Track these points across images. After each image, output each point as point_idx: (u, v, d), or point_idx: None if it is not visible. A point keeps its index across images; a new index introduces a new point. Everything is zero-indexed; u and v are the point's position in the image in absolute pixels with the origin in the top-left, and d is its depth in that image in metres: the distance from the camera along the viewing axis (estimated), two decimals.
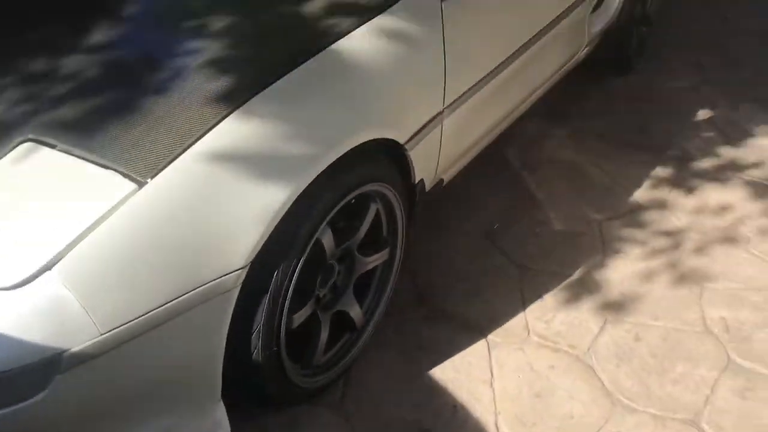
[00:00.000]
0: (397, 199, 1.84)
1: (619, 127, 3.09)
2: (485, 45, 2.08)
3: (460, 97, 2.00)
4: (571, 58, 2.79)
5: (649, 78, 3.48)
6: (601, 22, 2.99)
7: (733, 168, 2.79)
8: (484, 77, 2.09)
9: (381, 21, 1.73)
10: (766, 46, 3.86)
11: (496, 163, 2.79)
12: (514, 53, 2.21)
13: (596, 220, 2.52)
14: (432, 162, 2.02)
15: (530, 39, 2.28)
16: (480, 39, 2.05)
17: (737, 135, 3.02)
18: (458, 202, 2.58)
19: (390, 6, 1.77)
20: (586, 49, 2.96)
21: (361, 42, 1.67)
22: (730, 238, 2.42)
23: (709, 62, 3.66)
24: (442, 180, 2.21)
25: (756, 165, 2.80)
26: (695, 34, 3.97)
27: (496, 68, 2.13)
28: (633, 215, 2.55)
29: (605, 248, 2.39)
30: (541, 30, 2.34)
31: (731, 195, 2.63)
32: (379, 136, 1.68)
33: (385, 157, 1.78)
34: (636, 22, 3.35)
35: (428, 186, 2.09)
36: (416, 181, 1.95)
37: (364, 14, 1.72)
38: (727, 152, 2.89)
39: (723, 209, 2.56)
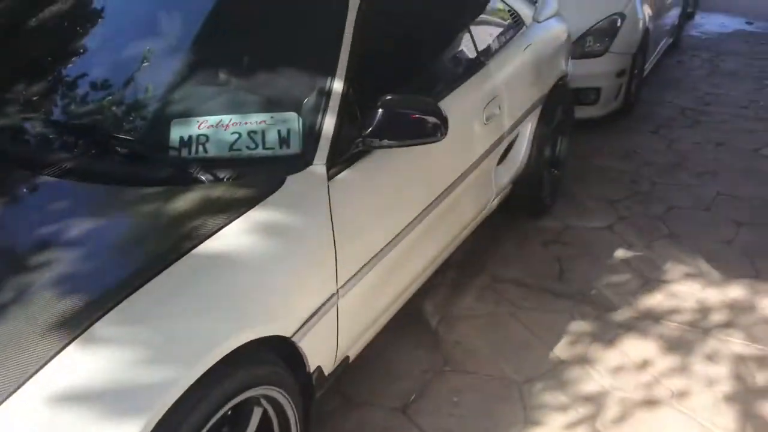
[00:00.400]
0: (287, 397, 1.68)
1: (537, 273, 3.06)
2: (379, 218, 2.02)
3: (355, 274, 1.90)
4: (479, 213, 2.77)
5: (564, 219, 3.51)
6: (509, 172, 3.01)
7: (651, 316, 2.74)
8: (382, 250, 2.01)
9: (257, 213, 1.65)
10: (674, 178, 3.99)
11: (411, 320, 2.67)
12: (412, 221, 2.15)
13: (516, 383, 2.40)
14: (330, 346, 1.88)
15: (429, 205, 2.24)
16: (373, 213, 1.98)
17: (653, 276, 3.01)
18: (371, 370, 2.43)
19: (268, 195, 1.70)
20: (496, 200, 2.96)
21: (233, 239, 1.57)
22: (653, 397, 2.32)
23: (622, 199, 3.73)
24: (347, 357, 2.07)
25: (673, 311, 2.76)
26: (607, 171, 4.09)
27: (393, 239, 2.06)
28: (554, 373, 2.44)
29: (526, 416, 2.25)
30: (440, 194, 2.31)
31: (651, 346, 2.56)
32: (259, 336, 1.54)
33: (270, 354, 1.63)
34: (547, 165, 3.41)
35: (329, 369, 1.94)
36: (311, 371, 1.81)
37: (238, 208, 1.63)
38: (645, 298, 2.85)
39: (644, 363, 2.48)
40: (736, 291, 2.92)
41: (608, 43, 4.46)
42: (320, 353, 1.83)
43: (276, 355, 1.67)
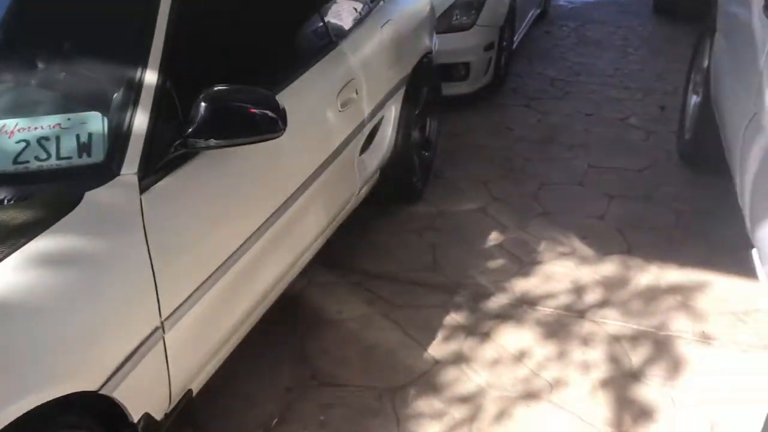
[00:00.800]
0: None
1: (410, 264, 2.89)
2: (212, 232, 1.74)
3: (185, 301, 1.63)
4: (342, 208, 2.54)
5: (438, 203, 3.36)
6: (374, 160, 2.81)
7: (527, 301, 2.64)
8: (218, 268, 1.74)
9: (43, 242, 1.33)
10: (546, 153, 3.94)
11: (273, 333, 2.41)
12: (257, 230, 1.89)
13: (389, 391, 2.21)
14: (159, 388, 1.60)
15: (277, 209, 1.98)
16: (203, 227, 1.70)
17: (528, 259, 2.92)
18: (226, 396, 2.16)
19: (59, 218, 1.38)
20: (364, 189, 2.74)
21: (6, 279, 1.25)
22: (531, 391, 2.21)
23: (496, 178, 3.63)
24: (189, 391, 1.79)
25: (548, 296, 2.67)
26: (479, 150, 3.97)
27: (233, 254, 1.79)
28: (428, 377, 2.28)
29: (400, 430, 2.07)
30: (290, 195, 2.05)
31: (527, 335, 2.45)
32: (47, 399, 1.24)
33: (72, 415, 1.34)
34: (416, 148, 3.23)
35: (164, 411, 1.66)
36: (136, 420, 1.52)
37: (16, 238, 1.31)
38: (520, 283, 2.75)
39: (521, 354, 2.37)
40: (609, 267, 2.87)
41: (475, 16, 4.34)
42: (147, 398, 1.55)
43: (84, 412, 1.38)
